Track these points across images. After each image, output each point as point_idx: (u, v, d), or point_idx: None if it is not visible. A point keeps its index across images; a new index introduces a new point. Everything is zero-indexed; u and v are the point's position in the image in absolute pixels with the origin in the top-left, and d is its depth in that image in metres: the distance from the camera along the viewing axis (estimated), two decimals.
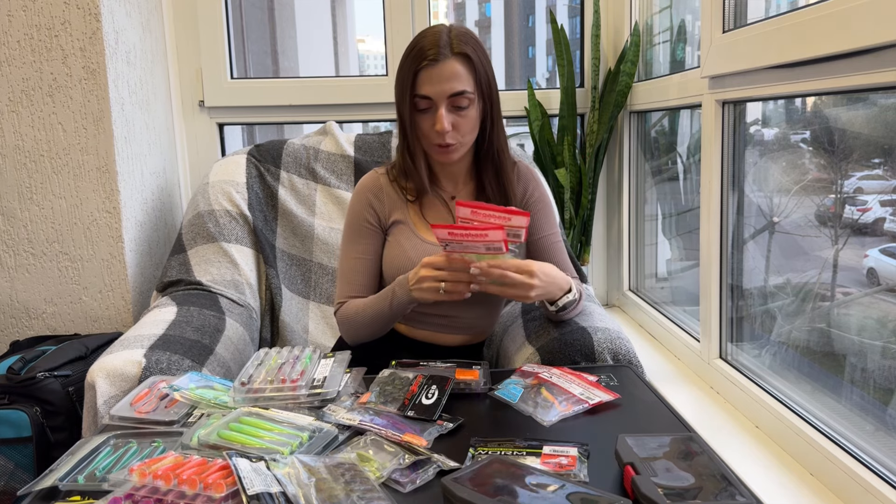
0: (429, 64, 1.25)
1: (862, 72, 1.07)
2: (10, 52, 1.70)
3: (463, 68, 1.27)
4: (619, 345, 1.31)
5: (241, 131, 2.61)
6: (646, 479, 0.79)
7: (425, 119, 1.29)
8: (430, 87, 1.26)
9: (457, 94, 1.26)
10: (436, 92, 1.26)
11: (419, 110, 1.29)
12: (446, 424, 1.00)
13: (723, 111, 1.57)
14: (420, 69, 1.26)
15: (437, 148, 1.31)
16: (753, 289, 1.61)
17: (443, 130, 1.26)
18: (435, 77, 1.25)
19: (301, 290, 1.89)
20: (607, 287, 2.47)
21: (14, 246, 1.78)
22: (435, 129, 1.27)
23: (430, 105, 1.27)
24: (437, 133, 1.28)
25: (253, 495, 0.75)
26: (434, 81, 1.25)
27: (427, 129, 1.30)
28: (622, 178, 2.33)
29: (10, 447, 1.37)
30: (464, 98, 1.27)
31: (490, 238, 1.13)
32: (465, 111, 1.28)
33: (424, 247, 1.36)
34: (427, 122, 1.29)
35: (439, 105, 1.26)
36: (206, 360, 1.35)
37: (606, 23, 2.29)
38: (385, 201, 1.39)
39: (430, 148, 1.33)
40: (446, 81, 1.25)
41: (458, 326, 1.41)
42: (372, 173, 1.43)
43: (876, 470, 1.10)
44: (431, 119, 1.28)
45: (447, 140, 1.28)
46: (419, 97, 1.27)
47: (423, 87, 1.26)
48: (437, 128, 1.27)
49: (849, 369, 1.29)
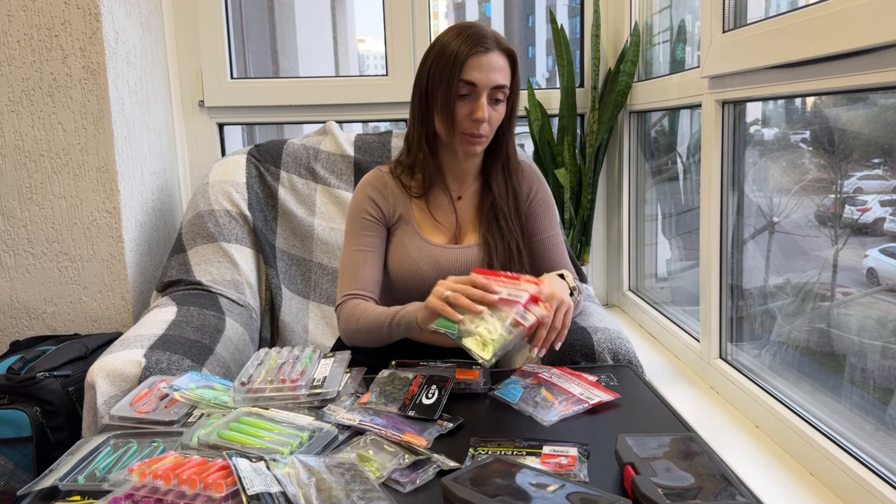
0: (482, 51, 1.25)
1: (862, 72, 1.07)
2: (10, 52, 1.70)
3: (506, 65, 1.29)
4: (619, 345, 1.31)
5: (241, 131, 2.61)
6: (646, 479, 0.79)
7: (462, 106, 1.28)
8: (479, 73, 1.25)
9: (499, 86, 1.27)
10: (483, 79, 1.25)
11: (459, 96, 1.27)
12: (446, 424, 1.00)
13: (723, 111, 1.57)
14: (472, 54, 1.25)
15: (468, 137, 1.29)
16: (753, 289, 1.61)
17: (483, 119, 1.26)
18: (485, 65, 1.26)
19: (301, 290, 1.89)
20: (607, 287, 2.47)
21: (14, 246, 1.78)
22: (474, 117, 1.26)
23: (471, 92, 1.26)
24: (475, 121, 1.27)
25: (253, 495, 0.75)
26: (484, 69, 1.25)
27: (462, 116, 1.28)
28: (622, 178, 2.33)
29: (10, 447, 1.37)
30: (501, 92, 1.28)
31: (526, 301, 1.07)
32: (498, 106, 1.30)
33: (429, 248, 1.36)
34: (464, 109, 1.28)
35: (481, 93, 1.26)
36: (206, 360, 1.35)
37: (606, 23, 2.29)
38: (389, 197, 1.38)
39: (457, 137, 1.30)
40: (494, 71, 1.26)
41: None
42: (375, 170, 1.42)
43: (876, 470, 1.10)
44: (469, 107, 1.27)
45: (481, 130, 1.28)
46: (464, 82, 1.25)
47: (471, 72, 1.25)
48: (478, 115, 1.26)
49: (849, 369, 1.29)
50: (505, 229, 1.37)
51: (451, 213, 1.40)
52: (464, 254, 1.37)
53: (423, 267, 1.34)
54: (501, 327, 1.04)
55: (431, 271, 1.34)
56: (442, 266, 1.35)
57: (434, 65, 1.29)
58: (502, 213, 1.38)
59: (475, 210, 1.41)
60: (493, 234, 1.37)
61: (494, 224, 1.38)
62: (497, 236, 1.37)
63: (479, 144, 1.31)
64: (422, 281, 1.33)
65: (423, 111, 1.32)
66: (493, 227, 1.38)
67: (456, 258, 1.36)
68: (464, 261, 1.36)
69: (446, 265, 1.35)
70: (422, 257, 1.34)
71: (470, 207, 1.41)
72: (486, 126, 1.29)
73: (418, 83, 1.33)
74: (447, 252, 1.36)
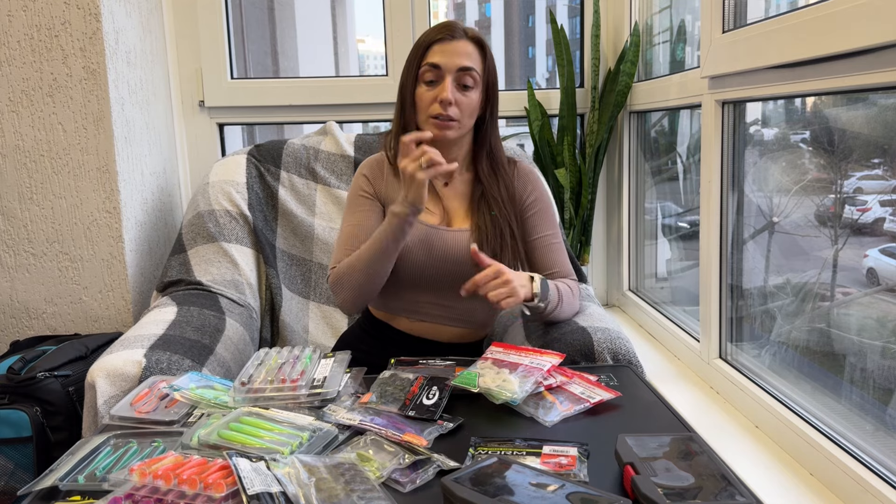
0: (445, 38, 1.31)
1: (862, 72, 1.07)
2: (10, 52, 1.70)
3: (475, 51, 1.33)
4: (619, 345, 1.31)
5: (241, 131, 2.61)
6: (646, 478, 0.79)
7: (429, 92, 1.31)
8: (441, 57, 1.30)
9: (465, 69, 1.30)
10: (446, 62, 1.30)
11: (425, 82, 1.31)
12: (446, 424, 1.00)
13: (723, 111, 1.57)
14: (435, 41, 1.31)
15: (436, 121, 1.31)
16: (753, 289, 1.61)
17: (447, 99, 1.29)
18: (448, 50, 1.30)
19: (301, 290, 1.89)
20: (607, 287, 2.47)
21: (14, 246, 1.78)
22: (439, 99, 1.29)
23: (437, 77, 1.30)
24: (440, 103, 1.29)
25: (253, 495, 0.75)
26: (447, 53, 1.30)
27: (429, 101, 1.31)
28: (622, 178, 2.33)
29: (10, 447, 1.37)
30: (469, 76, 1.31)
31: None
32: (468, 91, 1.32)
33: (418, 227, 1.36)
34: (431, 94, 1.31)
35: (446, 75, 1.29)
36: (206, 360, 1.35)
37: (606, 23, 2.29)
38: (383, 178, 1.42)
39: (427, 122, 1.32)
40: (458, 55, 1.30)
41: (457, 318, 1.42)
42: (377, 154, 1.48)
43: (876, 470, 1.10)
44: (436, 92, 1.30)
45: (449, 112, 1.30)
46: (428, 65, 1.30)
47: (434, 56, 1.30)
48: (443, 96, 1.28)
49: (848, 369, 1.29)
50: (499, 218, 1.38)
51: (438, 198, 1.42)
52: (454, 236, 1.38)
53: (412, 245, 1.35)
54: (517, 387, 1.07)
55: (421, 251, 1.36)
56: (432, 245, 1.37)
57: (406, 62, 1.36)
58: (493, 200, 1.39)
59: (467, 199, 1.43)
60: (484, 221, 1.39)
61: (487, 212, 1.39)
62: (489, 223, 1.38)
63: (449, 129, 1.32)
64: (412, 261, 1.36)
65: (400, 103, 1.37)
66: (486, 215, 1.39)
67: (445, 239, 1.38)
68: (453, 243, 1.37)
69: (437, 245, 1.37)
70: (413, 237, 1.35)
71: (460, 195, 1.43)
72: (456, 109, 1.31)
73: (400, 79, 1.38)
74: (437, 232, 1.38)
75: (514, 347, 1.20)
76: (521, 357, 1.16)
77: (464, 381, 1.10)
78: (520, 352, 1.18)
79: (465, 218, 1.41)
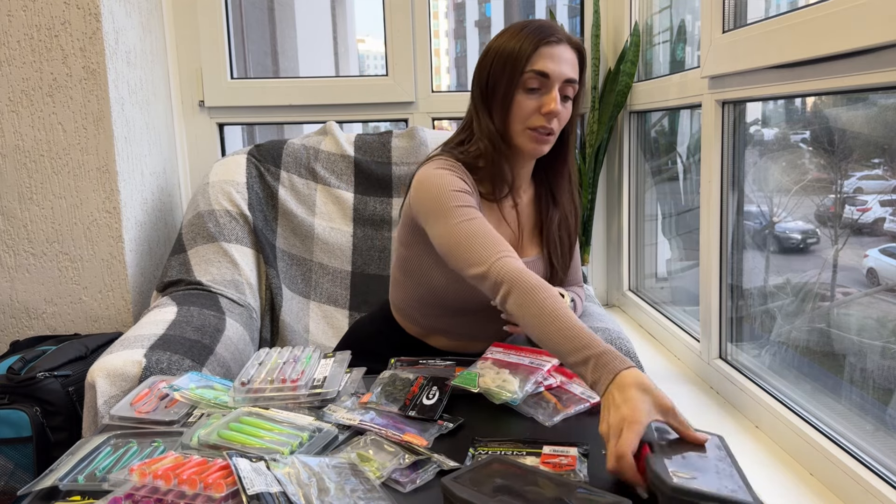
0: (554, 41, 1.17)
1: (862, 72, 1.07)
2: (10, 52, 1.70)
3: (576, 59, 1.20)
4: (620, 345, 1.31)
5: (241, 131, 2.61)
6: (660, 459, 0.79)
7: (530, 100, 1.17)
8: (552, 64, 1.16)
9: (570, 80, 1.18)
10: (556, 70, 1.16)
11: (527, 90, 1.17)
12: (446, 424, 1.00)
13: (723, 111, 1.57)
14: (542, 44, 1.16)
15: (536, 134, 1.18)
16: (753, 289, 1.61)
17: (556, 111, 1.16)
18: (557, 56, 1.16)
19: (301, 290, 1.89)
20: (607, 287, 2.47)
21: (14, 246, 1.78)
22: (545, 111, 1.16)
23: (541, 85, 1.17)
24: (546, 115, 1.16)
25: (253, 495, 0.75)
26: (556, 60, 1.16)
27: (530, 111, 1.17)
28: (622, 178, 2.33)
29: (10, 447, 1.37)
30: (571, 88, 1.19)
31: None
32: (567, 104, 1.20)
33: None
34: (532, 103, 1.17)
35: (554, 85, 1.16)
36: (206, 360, 1.35)
37: (606, 23, 2.29)
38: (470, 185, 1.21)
39: (523, 134, 1.19)
40: (566, 63, 1.17)
41: (485, 337, 1.33)
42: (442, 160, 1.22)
43: (876, 470, 1.10)
44: (538, 101, 1.17)
45: (552, 125, 1.18)
46: (535, 73, 1.16)
47: (543, 62, 1.15)
48: (551, 107, 1.15)
49: (848, 369, 1.29)
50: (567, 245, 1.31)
51: (515, 219, 1.29)
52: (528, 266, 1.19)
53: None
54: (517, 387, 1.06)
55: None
56: None
57: (498, 58, 1.19)
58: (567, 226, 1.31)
59: (533, 218, 1.32)
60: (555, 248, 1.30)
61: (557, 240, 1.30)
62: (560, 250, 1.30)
63: (547, 143, 1.21)
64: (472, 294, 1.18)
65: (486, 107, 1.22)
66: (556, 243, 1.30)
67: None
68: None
69: None
70: None
71: (528, 215, 1.31)
72: (557, 122, 1.19)
73: (478, 80, 1.23)
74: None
75: (514, 347, 1.20)
76: (521, 357, 1.16)
77: (464, 381, 1.10)
78: (520, 352, 1.18)
79: (531, 243, 1.30)
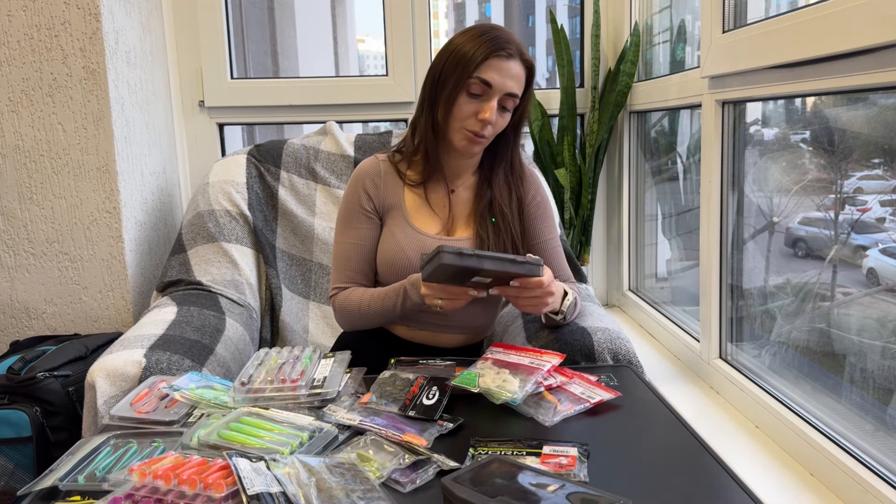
0: (505, 55, 1.26)
1: (862, 72, 1.07)
2: (10, 52, 1.70)
3: (523, 75, 1.30)
4: (619, 345, 1.31)
5: (241, 131, 2.61)
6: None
7: (471, 104, 1.28)
8: (497, 76, 1.26)
9: (510, 94, 1.28)
10: (499, 83, 1.26)
11: (470, 93, 1.27)
12: (446, 424, 1.00)
13: (723, 111, 1.57)
14: (493, 55, 1.25)
15: (470, 135, 1.29)
16: (753, 289, 1.61)
17: (489, 121, 1.27)
18: (505, 69, 1.26)
19: (301, 290, 1.89)
20: (607, 287, 2.47)
21: (14, 246, 1.78)
22: (480, 117, 1.27)
23: (483, 92, 1.27)
24: (480, 122, 1.28)
25: (253, 495, 0.75)
26: (503, 73, 1.26)
27: (468, 114, 1.28)
28: (622, 178, 2.33)
29: (10, 447, 1.37)
30: (511, 101, 1.30)
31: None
32: (505, 113, 1.31)
33: (418, 237, 1.36)
34: (472, 107, 1.28)
35: (494, 96, 1.27)
36: (206, 360, 1.35)
37: (606, 23, 2.29)
38: (382, 187, 1.38)
39: (459, 133, 1.30)
40: (510, 78, 1.27)
41: (456, 326, 1.41)
42: (372, 159, 1.42)
43: (876, 470, 1.10)
44: (478, 106, 1.28)
45: (485, 132, 1.29)
46: (479, 80, 1.26)
47: (490, 73, 1.25)
48: (486, 116, 1.26)
49: (848, 369, 1.29)
50: (501, 228, 1.37)
51: (446, 204, 1.39)
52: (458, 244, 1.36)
53: (410, 255, 1.35)
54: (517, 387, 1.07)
55: (419, 260, 1.34)
56: None
57: (452, 56, 1.29)
58: (500, 212, 1.38)
59: (470, 205, 1.41)
60: (486, 229, 1.37)
61: (489, 220, 1.38)
62: (491, 232, 1.37)
63: (479, 145, 1.32)
64: (409, 268, 1.34)
65: (432, 98, 1.32)
66: (488, 224, 1.38)
67: None
68: None
69: None
70: (410, 246, 1.35)
71: (465, 201, 1.41)
72: (490, 129, 1.30)
73: (432, 71, 1.33)
74: (436, 242, 1.36)
75: (514, 348, 1.20)
76: (521, 357, 1.16)
77: (464, 381, 1.10)
78: (520, 352, 1.18)
79: (466, 226, 1.40)
